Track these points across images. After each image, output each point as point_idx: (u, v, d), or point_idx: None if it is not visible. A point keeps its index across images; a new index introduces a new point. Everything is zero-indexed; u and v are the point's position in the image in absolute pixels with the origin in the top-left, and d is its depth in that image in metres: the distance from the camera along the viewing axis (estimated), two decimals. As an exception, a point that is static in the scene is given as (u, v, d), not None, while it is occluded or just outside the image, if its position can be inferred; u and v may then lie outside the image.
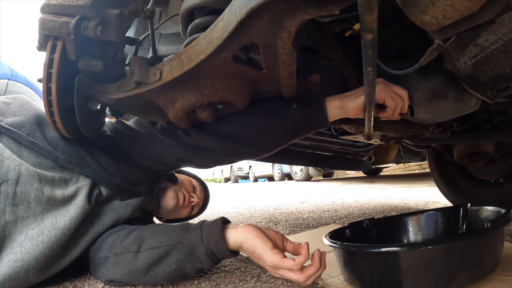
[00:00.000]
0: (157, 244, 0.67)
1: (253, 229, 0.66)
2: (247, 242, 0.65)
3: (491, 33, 0.54)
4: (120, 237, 0.72)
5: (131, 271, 0.68)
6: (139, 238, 0.70)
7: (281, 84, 0.64)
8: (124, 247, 0.69)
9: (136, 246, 0.69)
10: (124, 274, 0.69)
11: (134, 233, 0.72)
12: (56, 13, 0.59)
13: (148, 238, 0.69)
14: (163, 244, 0.67)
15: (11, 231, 0.64)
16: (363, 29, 0.40)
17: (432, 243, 0.64)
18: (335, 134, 1.13)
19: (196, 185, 1.13)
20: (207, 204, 1.20)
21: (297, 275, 0.60)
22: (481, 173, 1.50)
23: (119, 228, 0.77)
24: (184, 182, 1.08)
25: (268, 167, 8.16)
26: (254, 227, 0.67)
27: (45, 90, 0.63)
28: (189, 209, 1.10)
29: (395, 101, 0.68)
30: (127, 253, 0.69)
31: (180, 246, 0.67)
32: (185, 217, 1.12)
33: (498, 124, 1.09)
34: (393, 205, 2.24)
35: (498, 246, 0.62)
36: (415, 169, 6.32)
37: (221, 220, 0.69)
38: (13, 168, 0.66)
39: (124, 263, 0.69)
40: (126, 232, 0.73)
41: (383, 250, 0.57)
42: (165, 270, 0.67)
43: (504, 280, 0.61)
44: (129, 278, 0.69)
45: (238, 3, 0.47)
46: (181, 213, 1.08)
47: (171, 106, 0.66)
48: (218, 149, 0.76)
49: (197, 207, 1.13)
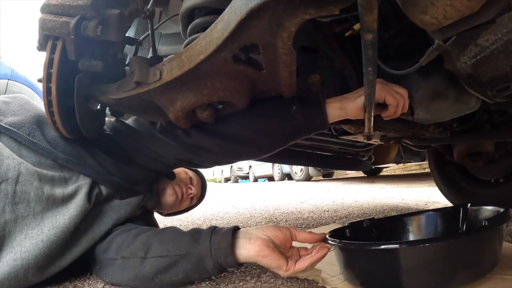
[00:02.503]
0: (164, 253, 0.66)
1: (264, 247, 0.63)
2: (258, 261, 0.64)
3: (491, 33, 0.54)
4: (128, 239, 0.71)
5: (137, 276, 0.67)
6: (146, 243, 0.69)
7: (281, 84, 0.64)
8: (131, 251, 0.69)
9: (143, 251, 0.68)
10: (130, 279, 0.68)
11: (141, 237, 0.70)
12: (56, 13, 0.59)
13: (156, 245, 0.68)
14: (171, 253, 0.66)
15: (11, 230, 0.64)
16: (363, 29, 0.40)
17: (431, 240, 0.64)
18: (335, 134, 1.13)
19: (192, 175, 1.14)
20: (205, 193, 1.22)
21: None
22: (481, 173, 1.50)
23: (126, 229, 0.76)
24: (180, 175, 1.09)
25: (268, 167, 8.16)
26: (266, 244, 0.64)
27: (45, 90, 0.63)
28: (188, 201, 1.12)
29: (396, 99, 0.68)
30: (134, 258, 0.68)
31: (188, 256, 0.65)
32: (186, 208, 1.16)
33: (498, 124, 1.09)
34: (393, 205, 2.24)
35: (497, 244, 0.62)
36: (415, 169, 6.32)
37: (231, 232, 0.66)
38: (13, 167, 0.66)
39: (131, 267, 0.68)
40: (133, 234, 0.72)
41: (382, 247, 0.57)
42: (172, 279, 0.67)
43: (504, 279, 0.61)
44: (135, 283, 0.68)
45: (238, 3, 0.47)
46: (181, 206, 1.11)
47: (171, 106, 0.66)
48: (218, 149, 0.76)
49: (196, 197, 1.16)
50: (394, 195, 2.83)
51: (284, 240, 0.67)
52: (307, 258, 0.65)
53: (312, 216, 1.88)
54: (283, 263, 0.63)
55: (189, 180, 1.12)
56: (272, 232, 0.66)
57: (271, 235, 0.66)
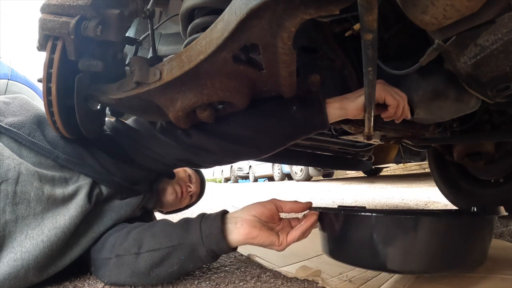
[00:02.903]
0: (157, 246, 0.67)
1: (252, 229, 0.65)
2: (250, 243, 0.65)
3: (491, 33, 0.54)
4: (120, 237, 0.72)
5: (133, 272, 0.68)
6: (138, 239, 0.69)
7: (281, 84, 0.64)
8: (125, 249, 0.69)
9: (136, 247, 0.68)
10: (127, 276, 0.69)
11: (133, 234, 0.71)
12: (56, 13, 0.59)
13: (147, 239, 0.68)
14: (163, 246, 0.67)
15: (11, 230, 0.64)
16: (363, 29, 0.40)
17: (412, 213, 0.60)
18: (335, 134, 1.14)
19: (190, 173, 1.16)
20: (204, 189, 1.24)
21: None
22: (481, 173, 1.51)
23: (119, 228, 0.77)
24: (179, 173, 1.11)
25: (268, 167, 8.16)
26: (253, 225, 0.65)
27: (45, 90, 0.63)
28: (188, 199, 1.14)
29: (396, 99, 0.68)
30: (128, 255, 0.68)
31: (180, 247, 0.66)
32: (186, 206, 1.18)
33: (498, 124, 1.09)
34: (393, 205, 2.24)
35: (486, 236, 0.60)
36: (415, 169, 6.32)
37: (220, 217, 0.67)
38: (13, 167, 0.66)
39: (126, 264, 0.68)
40: (125, 232, 0.73)
41: (361, 214, 0.57)
42: (168, 271, 0.67)
43: (504, 278, 0.61)
44: (132, 280, 0.69)
45: (238, 3, 0.47)
46: (181, 204, 1.12)
47: (171, 106, 0.66)
48: (218, 150, 0.76)
49: (195, 195, 1.17)
50: (394, 195, 2.83)
51: (271, 214, 0.67)
52: (298, 228, 0.66)
53: (312, 216, 1.88)
54: (274, 239, 0.64)
55: (188, 178, 1.13)
56: (257, 210, 0.67)
57: (257, 213, 0.67)
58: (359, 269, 0.79)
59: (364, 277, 0.72)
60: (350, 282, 0.69)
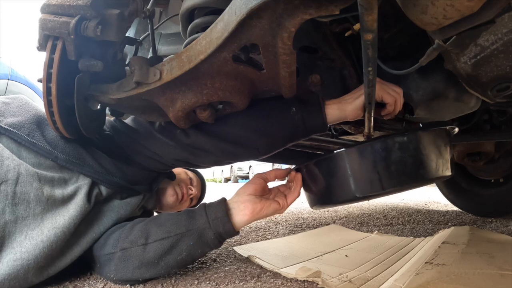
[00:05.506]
0: (165, 235, 0.69)
1: (255, 205, 0.70)
2: (257, 219, 0.71)
3: (491, 33, 0.54)
4: (125, 232, 0.73)
5: (142, 263, 0.69)
6: (145, 230, 0.71)
7: (281, 84, 0.64)
8: (131, 241, 0.70)
9: (144, 238, 0.70)
10: (135, 267, 0.70)
11: (138, 226, 0.73)
12: (56, 13, 0.59)
13: (155, 230, 0.70)
14: (172, 234, 0.69)
15: (11, 231, 0.64)
16: (363, 29, 0.40)
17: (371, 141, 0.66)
18: (335, 134, 1.14)
19: (192, 176, 1.16)
20: (205, 193, 1.24)
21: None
22: (481, 173, 1.51)
23: (122, 225, 0.77)
24: (180, 175, 1.11)
25: (268, 167, 8.17)
26: (254, 202, 0.70)
27: (45, 90, 0.63)
28: (189, 202, 1.14)
29: (393, 96, 0.69)
30: (135, 247, 0.70)
31: (189, 233, 0.69)
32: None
33: (498, 124, 1.09)
34: (393, 205, 2.24)
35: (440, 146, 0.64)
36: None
37: (223, 202, 0.72)
38: (13, 168, 0.66)
39: (134, 256, 0.69)
40: (129, 226, 0.74)
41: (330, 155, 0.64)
42: (176, 258, 0.70)
43: (503, 275, 0.61)
44: (140, 271, 0.70)
45: (238, 3, 0.47)
46: (182, 206, 1.12)
47: (171, 106, 0.66)
48: (216, 150, 0.76)
49: (196, 198, 1.18)
50: (394, 195, 2.83)
51: (262, 188, 0.74)
52: (293, 190, 0.74)
53: (312, 216, 1.88)
54: (275, 205, 0.71)
55: (190, 181, 1.13)
56: (250, 188, 0.73)
57: (251, 191, 0.72)
58: (359, 269, 0.79)
59: (364, 277, 0.72)
60: (350, 282, 0.69)
